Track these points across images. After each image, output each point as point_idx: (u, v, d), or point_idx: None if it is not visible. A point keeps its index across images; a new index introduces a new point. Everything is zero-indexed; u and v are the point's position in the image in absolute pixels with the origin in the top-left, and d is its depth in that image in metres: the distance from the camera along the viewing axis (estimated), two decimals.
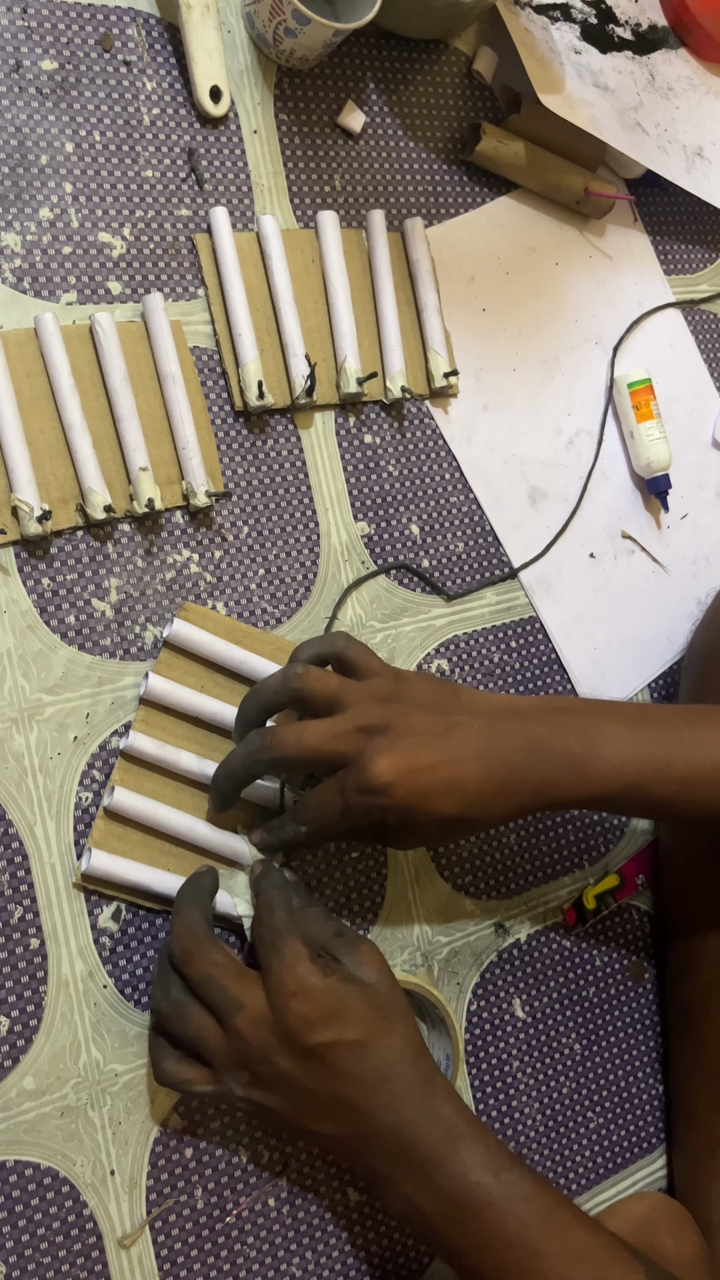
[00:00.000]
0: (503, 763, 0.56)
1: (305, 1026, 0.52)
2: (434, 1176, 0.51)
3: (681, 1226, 0.65)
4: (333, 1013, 0.52)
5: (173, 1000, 0.55)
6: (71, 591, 0.61)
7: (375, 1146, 0.53)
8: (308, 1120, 0.54)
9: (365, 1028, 0.52)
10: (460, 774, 0.55)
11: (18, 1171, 0.55)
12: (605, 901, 0.74)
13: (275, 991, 0.52)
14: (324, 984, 0.52)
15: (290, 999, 0.52)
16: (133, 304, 0.64)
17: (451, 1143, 0.51)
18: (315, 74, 0.72)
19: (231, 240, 0.66)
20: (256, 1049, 0.52)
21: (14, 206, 0.62)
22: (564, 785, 0.56)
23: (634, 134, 0.79)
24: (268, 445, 0.68)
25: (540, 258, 0.79)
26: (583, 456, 0.79)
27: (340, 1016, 0.52)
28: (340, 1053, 0.52)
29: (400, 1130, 0.52)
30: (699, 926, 0.71)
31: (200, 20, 0.66)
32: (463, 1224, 0.51)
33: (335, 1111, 0.53)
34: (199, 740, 0.62)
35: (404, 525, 0.71)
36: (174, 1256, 0.58)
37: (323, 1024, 0.52)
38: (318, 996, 0.52)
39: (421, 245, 0.73)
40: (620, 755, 0.57)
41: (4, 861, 0.57)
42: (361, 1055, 0.52)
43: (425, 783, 0.54)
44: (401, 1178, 0.52)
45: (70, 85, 0.64)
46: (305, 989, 0.52)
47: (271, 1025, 0.52)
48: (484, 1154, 0.52)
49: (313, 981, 0.52)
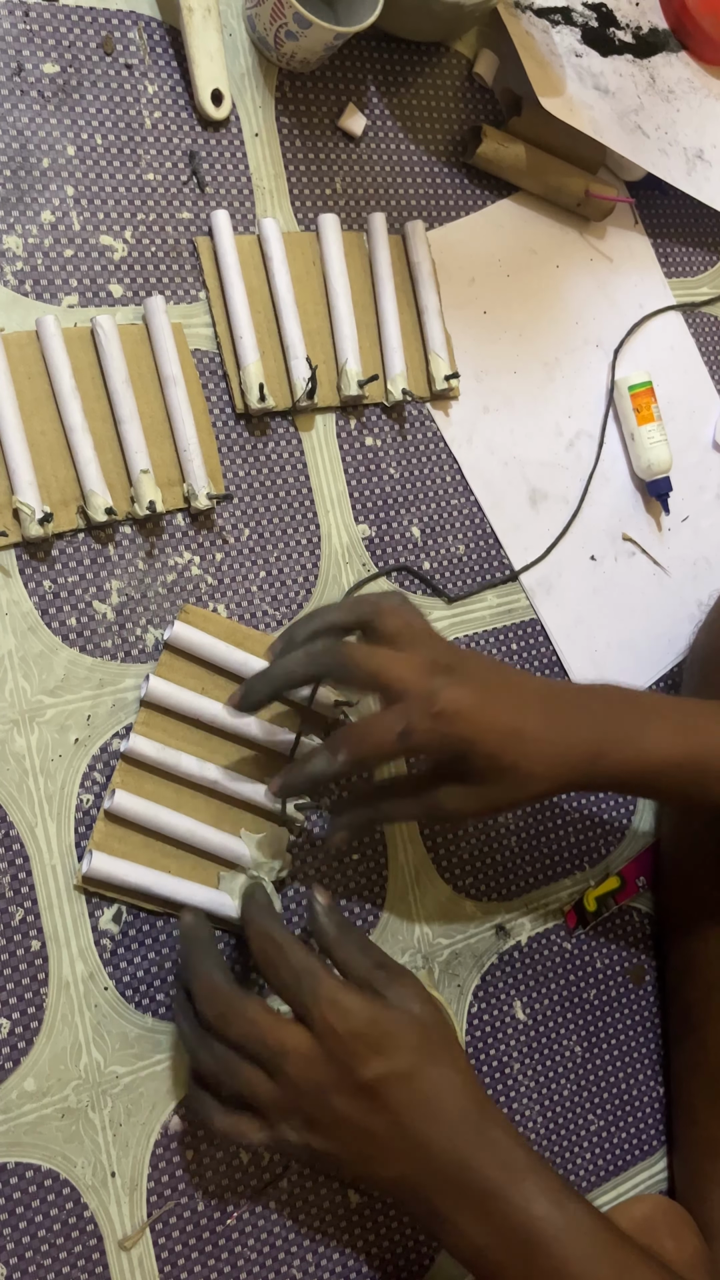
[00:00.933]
0: (562, 719, 0.56)
1: (358, 1061, 0.50)
2: (495, 1211, 0.50)
3: (682, 1228, 0.65)
4: (382, 1044, 0.51)
5: (217, 1058, 0.53)
6: (73, 594, 0.61)
7: (436, 1182, 0.51)
8: (368, 1164, 0.52)
9: (415, 1056, 0.51)
10: (522, 721, 0.55)
11: (18, 1173, 0.55)
12: (606, 903, 0.74)
13: (325, 1032, 0.51)
14: (368, 1013, 0.51)
15: (340, 1037, 0.50)
16: (134, 306, 0.64)
17: (511, 1174, 0.50)
18: (316, 77, 0.72)
19: (233, 243, 0.66)
20: (310, 1092, 0.51)
21: (16, 209, 0.62)
22: (614, 760, 0.57)
23: (634, 137, 0.79)
24: (269, 447, 0.68)
25: (541, 260, 0.79)
26: (583, 459, 0.79)
27: (389, 1047, 0.51)
28: (393, 1086, 0.51)
29: (459, 1162, 0.51)
30: (700, 929, 0.71)
31: (201, 23, 0.66)
32: (527, 1260, 0.50)
33: (394, 1149, 0.51)
34: (199, 742, 0.62)
35: (405, 527, 0.71)
36: (174, 1258, 0.58)
37: (374, 1056, 0.51)
38: (364, 1027, 0.51)
39: (422, 247, 0.73)
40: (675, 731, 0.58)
41: (5, 863, 0.57)
42: (413, 1086, 0.51)
43: (492, 720, 0.54)
44: (462, 1214, 0.51)
45: (72, 88, 0.64)
46: (354, 1024, 0.51)
47: (322, 1065, 0.51)
48: (545, 1185, 0.50)
49: (356, 1012, 0.51)
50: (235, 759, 0.63)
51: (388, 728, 0.54)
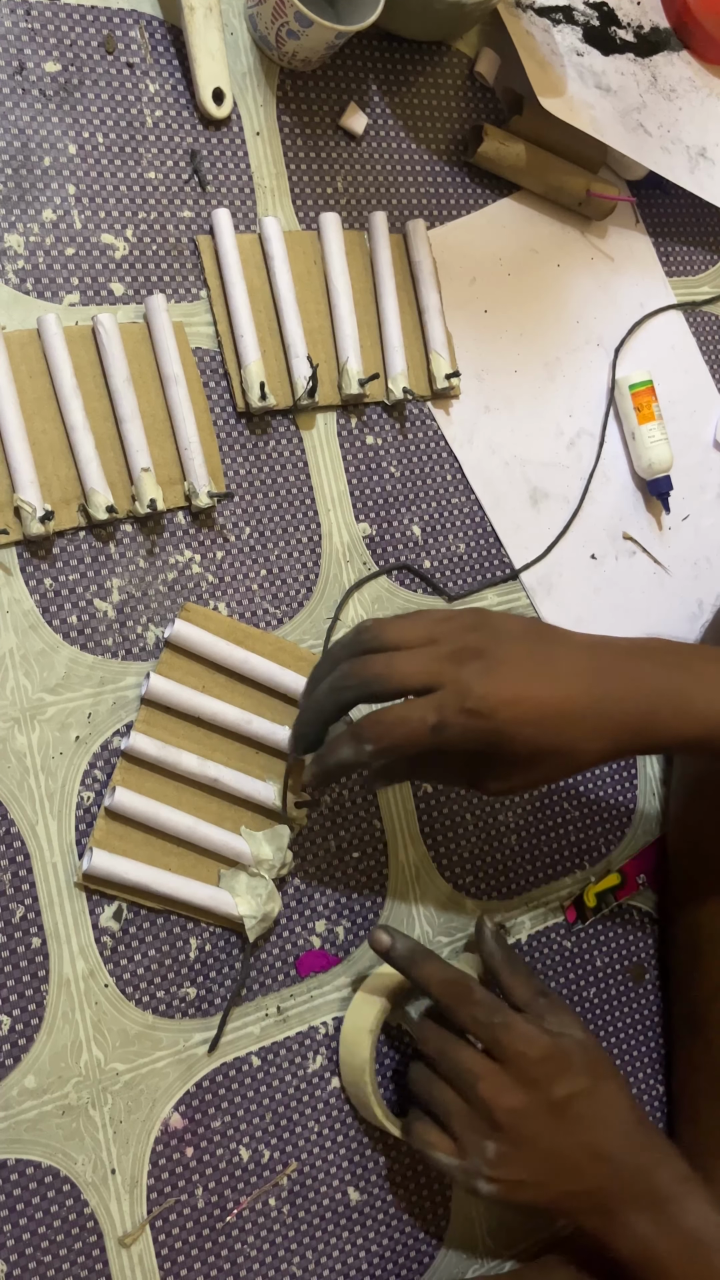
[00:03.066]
0: (608, 692, 0.54)
1: (550, 1082, 0.54)
2: (671, 1214, 0.54)
3: None
4: (566, 1064, 0.55)
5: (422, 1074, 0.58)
6: (74, 592, 0.61)
7: (624, 1191, 0.55)
8: (558, 1180, 0.55)
9: (592, 1075, 0.56)
10: (566, 703, 0.53)
11: (19, 1170, 0.55)
12: (606, 900, 0.74)
13: (517, 1058, 0.55)
14: (550, 1039, 0.55)
15: (531, 1063, 0.55)
16: (135, 305, 0.64)
17: (684, 1182, 0.55)
18: (318, 76, 0.72)
19: (234, 241, 0.66)
20: (504, 1113, 0.54)
21: (17, 208, 0.62)
22: (668, 720, 0.55)
23: (636, 135, 0.79)
24: (270, 446, 0.68)
25: (542, 259, 0.79)
26: (584, 458, 0.79)
27: (573, 1068, 0.55)
28: (580, 1102, 0.55)
29: (638, 1169, 0.54)
30: (705, 928, 0.71)
31: (203, 22, 0.66)
32: (699, 1263, 0.53)
33: (583, 1164, 0.55)
34: (200, 740, 0.62)
35: (405, 526, 0.71)
36: (174, 1255, 0.58)
37: (562, 1077, 0.55)
38: (551, 1051, 0.55)
39: (423, 246, 0.73)
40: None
41: (6, 860, 0.57)
42: (596, 1100, 0.55)
43: (530, 709, 0.52)
44: (640, 1220, 0.54)
45: (73, 87, 0.64)
46: (539, 1048, 0.55)
47: (515, 1085, 0.55)
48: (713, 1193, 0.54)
49: (543, 1040, 0.55)
50: (236, 756, 0.63)
51: (420, 719, 0.52)
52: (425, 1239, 0.65)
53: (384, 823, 0.68)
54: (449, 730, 0.52)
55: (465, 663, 0.52)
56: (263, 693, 0.64)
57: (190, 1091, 0.60)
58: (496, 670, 0.52)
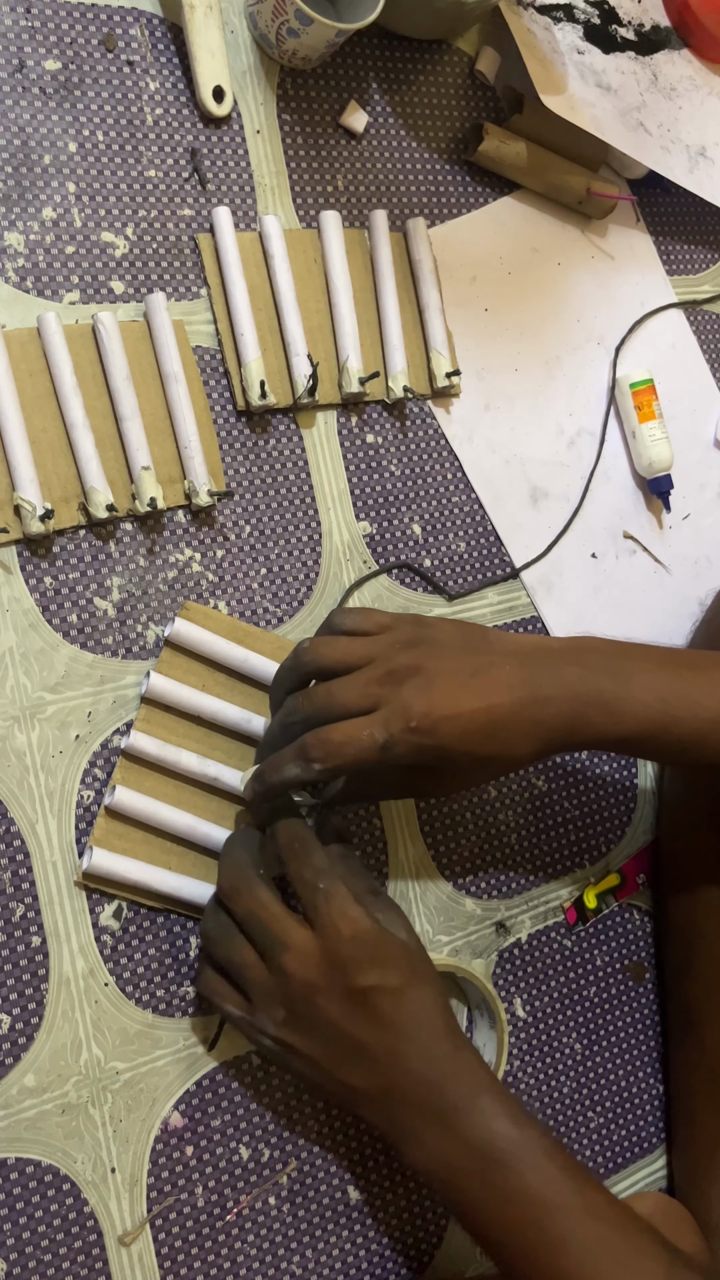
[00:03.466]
0: (537, 698, 0.55)
1: (355, 967, 0.52)
2: (459, 1126, 0.52)
3: (681, 1226, 0.65)
4: (379, 956, 0.53)
5: (220, 924, 0.56)
6: (74, 590, 0.61)
7: (404, 1097, 0.53)
8: (339, 1069, 0.54)
9: (405, 976, 0.53)
10: (498, 710, 0.54)
11: (18, 1169, 0.55)
12: (606, 901, 0.74)
13: (329, 931, 0.53)
14: (374, 929, 0.53)
15: (343, 942, 0.52)
16: (135, 303, 0.64)
17: (477, 1095, 0.52)
18: (318, 74, 0.72)
19: (234, 240, 0.66)
20: (300, 988, 0.53)
21: (17, 206, 0.62)
22: (597, 722, 0.56)
23: (636, 134, 0.79)
24: (270, 444, 0.68)
25: (542, 258, 0.79)
26: (584, 456, 0.79)
27: (385, 962, 0.53)
28: (382, 998, 0.53)
29: (430, 1080, 0.53)
30: (699, 926, 0.71)
31: (203, 20, 0.66)
32: (483, 1176, 0.51)
33: (370, 1060, 0.53)
34: (200, 739, 0.62)
35: (406, 525, 0.71)
36: (174, 1254, 0.58)
37: (370, 965, 0.53)
38: (368, 937, 0.53)
39: (424, 245, 0.73)
40: (652, 693, 0.57)
41: (5, 859, 0.57)
42: (401, 1002, 0.53)
43: (466, 725, 0.54)
44: (426, 1129, 0.53)
45: (73, 85, 0.64)
46: (357, 931, 0.53)
47: (318, 964, 0.53)
48: (507, 1108, 0.52)
49: (364, 924, 0.53)
50: (236, 755, 0.63)
51: (369, 737, 0.54)
52: (425, 1238, 0.65)
53: (384, 821, 0.68)
54: (397, 748, 0.54)
55: (404, 681, 0.54)
56: (263, 692, 0.64)
57: (190, 1090, 0.60)
58: (433, 686, 0.54)
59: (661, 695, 0.57)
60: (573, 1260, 0.50)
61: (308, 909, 0.54)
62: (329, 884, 0.54)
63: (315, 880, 0.54)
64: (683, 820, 0.75)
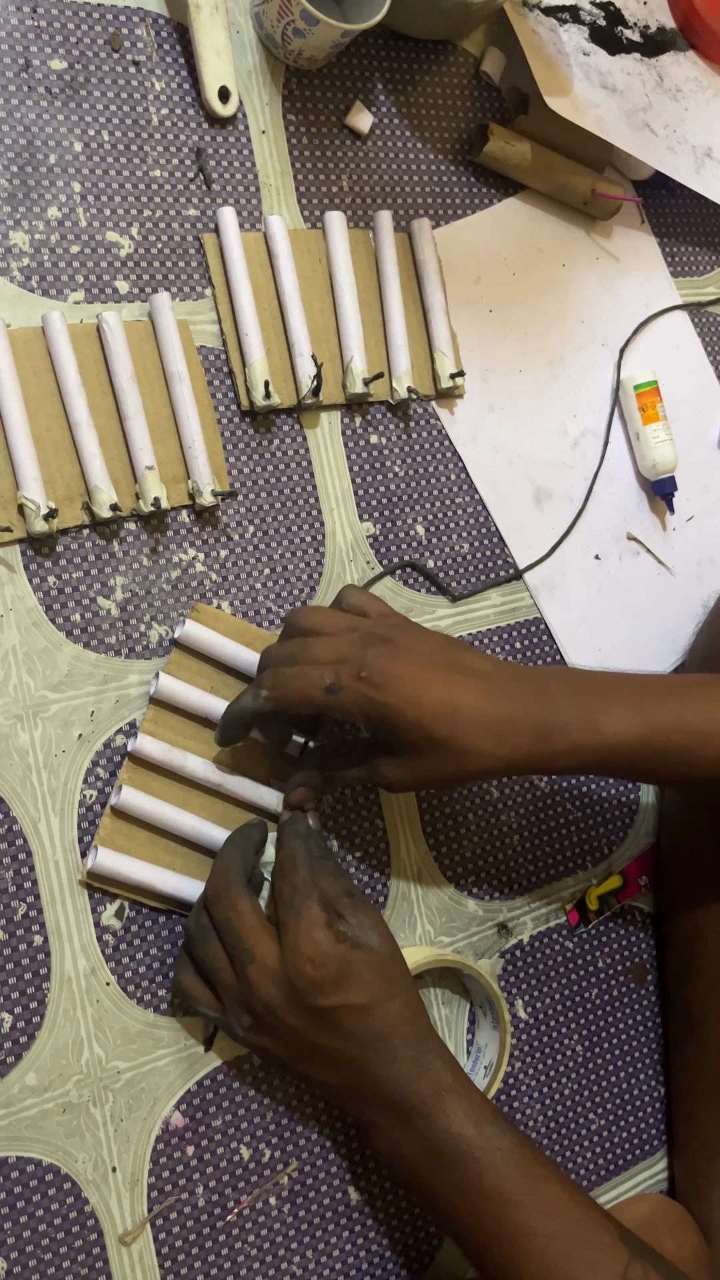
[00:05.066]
0: (505, 697, 0.56)
1: (314, 990, 0.53)
2: (419, 1126, 0.54)
3: (682, 1228, 0.65)
4: (341, 978, 0.54)
5: (201, 924, 0.57)
6: (77, 589, 0.61)
7: (367, 1096, 0.55)
8: (305, 1067, 0.56)
9: (370, 992, 0.54)
10: (458, 697, 0.55)
11: (19, 1168, 0.55)
12: (608, 902, 0.74)
13: (290, 952, 0.54)
14: (336, 951, 0.54)
15: (304, 963, 0.53)
16: (140, 303, 0.64)
17: (438, 1096, 0.54)
18: (323, 74, 0.72)
19: (239, 240, 0.66)
20: (262, 1001, 0.54)
21: (23, 205, 0.62)
22: (574, 730, 0.56)
23: (642, 135, 0.79)
24: (274, 445, 0.68)
25: (547, 259, 0.79)
26: (588, 458, 0.79)
27: (348, 982, 0.54)
28: (344, 1015, 0.54)
29: (392, 1083, 0.54)
30: (699, 929, 0.71)
31: (209, 20, 0.66)
32: (443, 1172, 0.53)
33: (333, 1064, 0.55)
34: (207, 741, 0.62)
35: (409, 525, 0.71)
36: (175, 1254, 0.58)
37: (331, 989, 0.54)
38: (329, 963, 0.54)
39: (428, 246, 0.73)
40: (629, 714, 0.57)
41: (8, 858, 0.57)
42: (364, 1017, 0.54)
43: (421, 693, 0.54)
44: (389, 1126, 0.55)
45: (79, 85, 0.64)
46: (319, 955, 0.53)
47: (280, 982, 0.54)
48: (467, 1108, 0.54)
49: (326, 948, 0.54)
50: (242, 757, 0.63)
51: (318, 676, 0.55)
52: (425, 1239, 0.65)
53: (386, 822, 0.68)
54: (342, 694, 0.55)
55: (371, 645, 0.56)
56: None
57: (191, 1090, 0.60)
58: (398, 656, 0.56)
59: (639, 713, 0.57)
60: (527, 1254, 0.51)
61: (279, 925, 0.55)
62: (302, 903, 0.55)
63: (291, 897, 0.55)
64: (685, 822, 0.75)
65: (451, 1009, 0.68)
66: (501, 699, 0.56)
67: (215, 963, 0.56)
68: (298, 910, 0.54)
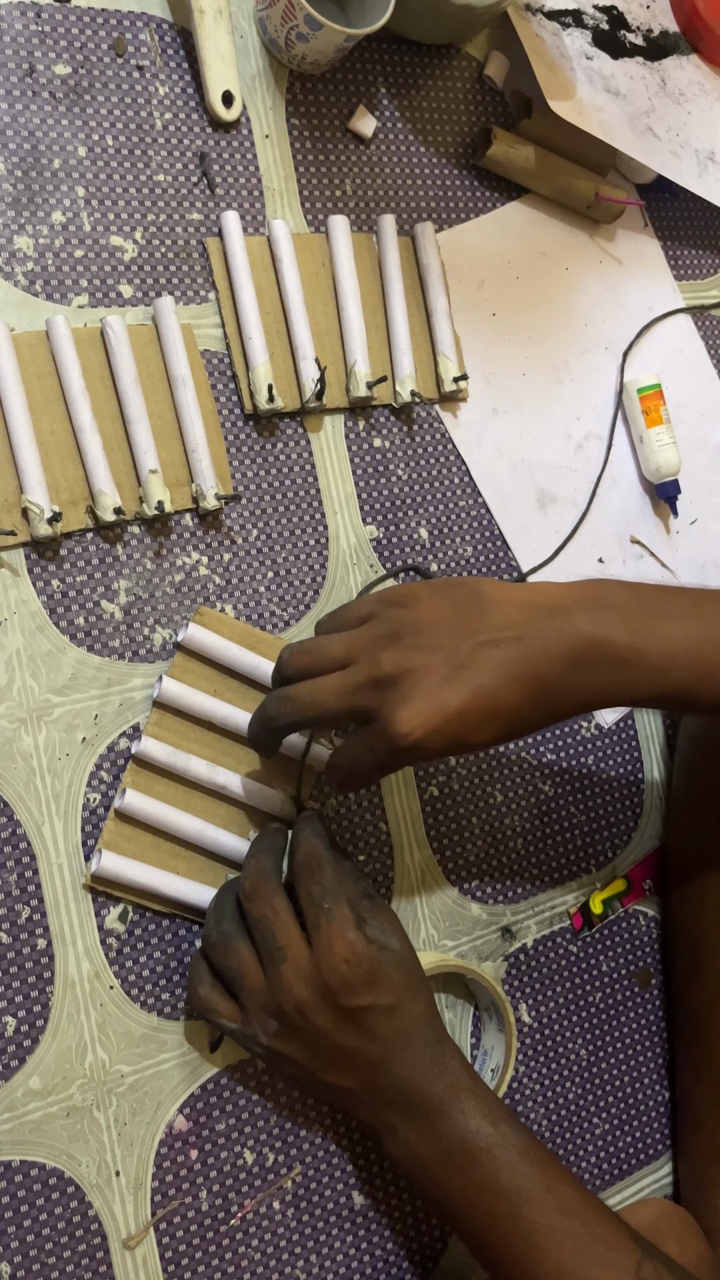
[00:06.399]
0: (540, 677, 0.53)
1: (348, 990, 0.54)
2: (435, 1125, 0.54)
3: (686, 1233, 0.65)
4: (372, 978, 0.54)
5: (224, 930, 0.57)
6: (81, 593, 0.61)
7: (385, 1097, 0.55)
8: (325, 1072, 0.56)
9: (397, 993, 0.55)
10: (494, 703, 0.52)
11: (23, 1171, 0.55)
12: (612, 906, 0.73)
13: (325, 952, 0.54)
14: (368, 951, 0.54)
15: (340, 963, 0.54)
16: (144, 307, 0.64)
17: (455, 1095, 0.54)
18: (327, 79, 0.72)
19: (242, 244, 0.66)
20: (294, 1001, 0.54)
21: (27, 210, 0.62)
22: (611, 688, 0.54)
23: (645, 139, 0.79)
24: (277, 448, 0.68)
25: (550, 262, 0.79)
26: (592, 461, 0.79)
27: (378, 982, 0.54)
28: (373, 1016, 0.54)
29: (411, 1083, 0.54)
30: (705, 933, 0.71)
31: (213, 25, 0.66)
32: (459, 1170, 0.53)
33: (354, 1065, 0.55)
34: (211, 744, 0.62)
35: (413, 529, 0.71)
36: (178, 1258, 0.58)
37: (364, 989, 0.54)
38: (363, 963, 0.54)
39: (432, 249, 0.73)
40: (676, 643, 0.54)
41: (12, 862, 0.57)
42: (391, 1018, 0.55)
43: (456, 726, 0.52)
44: (406, 1126, 0.55)
45: (83, 90, 0.65)
46: (354, 955, 0.54)
47: (313, 981, 0.54)
48: (484, 1107, 0.54)
49: (360, 949, 0.54)
50: (246, 761, 0.63)
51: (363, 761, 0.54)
52: (429, 1243, 0.65)
53: (389, 826, 0.68)
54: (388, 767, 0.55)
55: (386, 691, 0.52)
56: None
57: (195, 1094, 0.60)
58: (415, 692, 0.52)
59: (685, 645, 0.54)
60: (543, 1252, 0.52)
61: (310, 926, 0.55)
62: (334, 904, 0.55)
63: (321, 899, 0.55)
64: (690, 826, 0.74)
65: (455, 1012, 0.68)
66: (535, 678, 0.52)
67: (242, 967, 0.55)
68: (329, 911, 0.55)
